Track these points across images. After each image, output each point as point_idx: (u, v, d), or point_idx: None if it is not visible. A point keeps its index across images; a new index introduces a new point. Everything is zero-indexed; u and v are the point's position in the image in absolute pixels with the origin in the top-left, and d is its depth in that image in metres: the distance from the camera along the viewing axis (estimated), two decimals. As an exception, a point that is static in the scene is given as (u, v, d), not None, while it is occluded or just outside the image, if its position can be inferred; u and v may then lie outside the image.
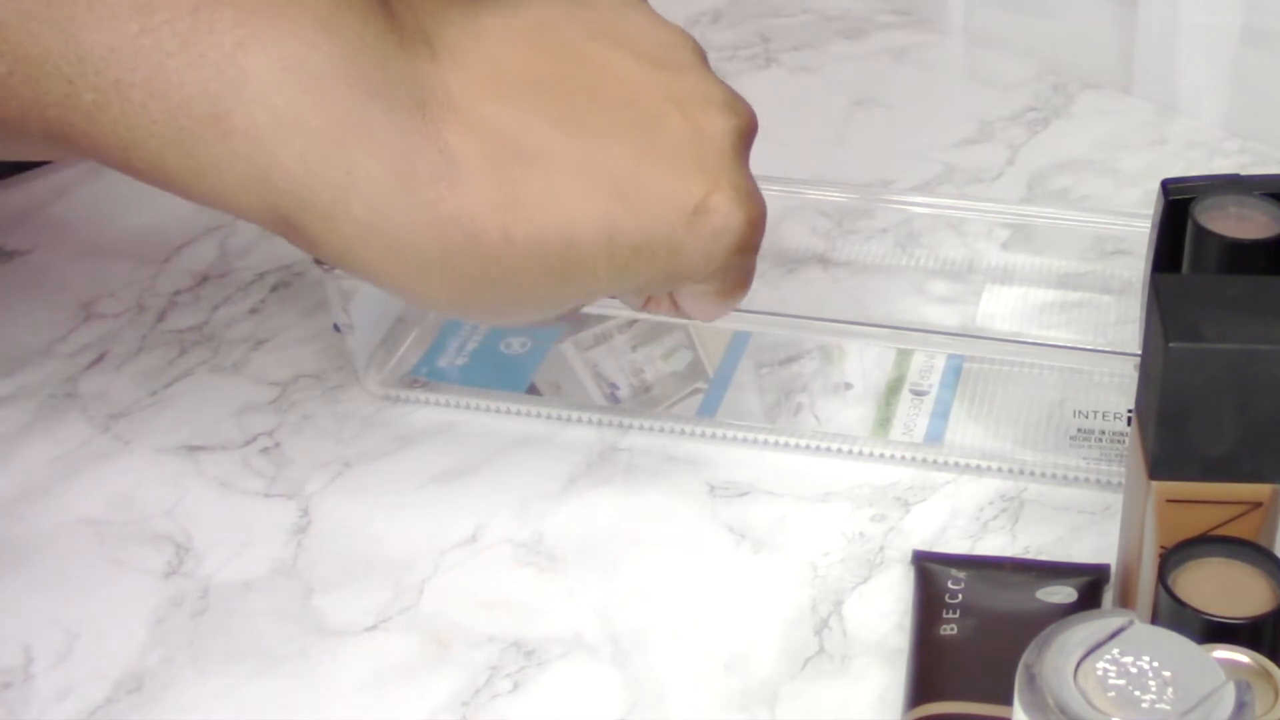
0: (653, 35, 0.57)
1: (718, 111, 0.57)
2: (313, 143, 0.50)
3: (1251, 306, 0.54)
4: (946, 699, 0.58)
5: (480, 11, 0.55)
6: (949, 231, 0.84)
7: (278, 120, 0.50)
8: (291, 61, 0.50)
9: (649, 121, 0.55)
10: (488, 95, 0.53)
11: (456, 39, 0.54)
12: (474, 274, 0.53)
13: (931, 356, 0.75)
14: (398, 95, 0.51)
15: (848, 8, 1.06)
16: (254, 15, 0.50)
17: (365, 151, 0.51)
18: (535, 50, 0.55)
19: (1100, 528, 0.67)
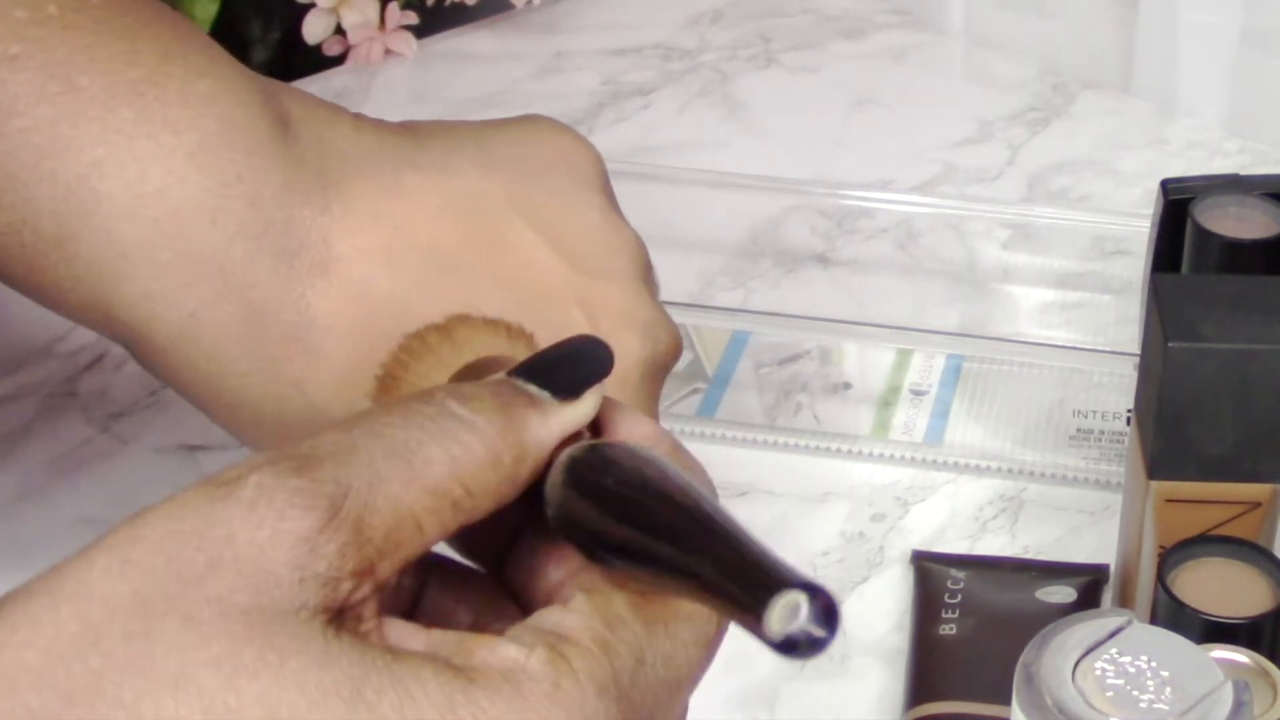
0: (593, 234, 0.51)
1: (632, 333, 0.50)
2: (157, 279, 0.46)
3: (1251, 306, 0.54)
4: (946, 699, 0.58)
5: (404, 166, 0.49)
6: (949, 231, 0.84)
7: (123, 252, 0.45)
8: (148, 191, 0.45)
9: (550, 324, 0.47)
10: (376, 262, 0.47)
11: (362, 192, 0.48)
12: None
13: (931, 356, 0.75)
14: (265, 241, 0.46)
15: (848, 8, 1.06)
16: (118, 135, 0.45)
17: (215, 295, 0.46)
18: (450, 220, 0.49)
19: (1100, 528, 0.67)
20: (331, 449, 0.34)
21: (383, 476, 0.34)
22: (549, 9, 1.05)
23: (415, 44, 1.01)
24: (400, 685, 0.32)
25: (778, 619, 0.31)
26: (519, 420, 0.36)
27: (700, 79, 0.99)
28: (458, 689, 0.32)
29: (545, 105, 0.96)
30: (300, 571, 0.32)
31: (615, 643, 0.34)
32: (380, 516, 0.34)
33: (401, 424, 0.35)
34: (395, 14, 1.00)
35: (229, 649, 0.31)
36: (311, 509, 0.33)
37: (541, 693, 0.33)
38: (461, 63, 1.01)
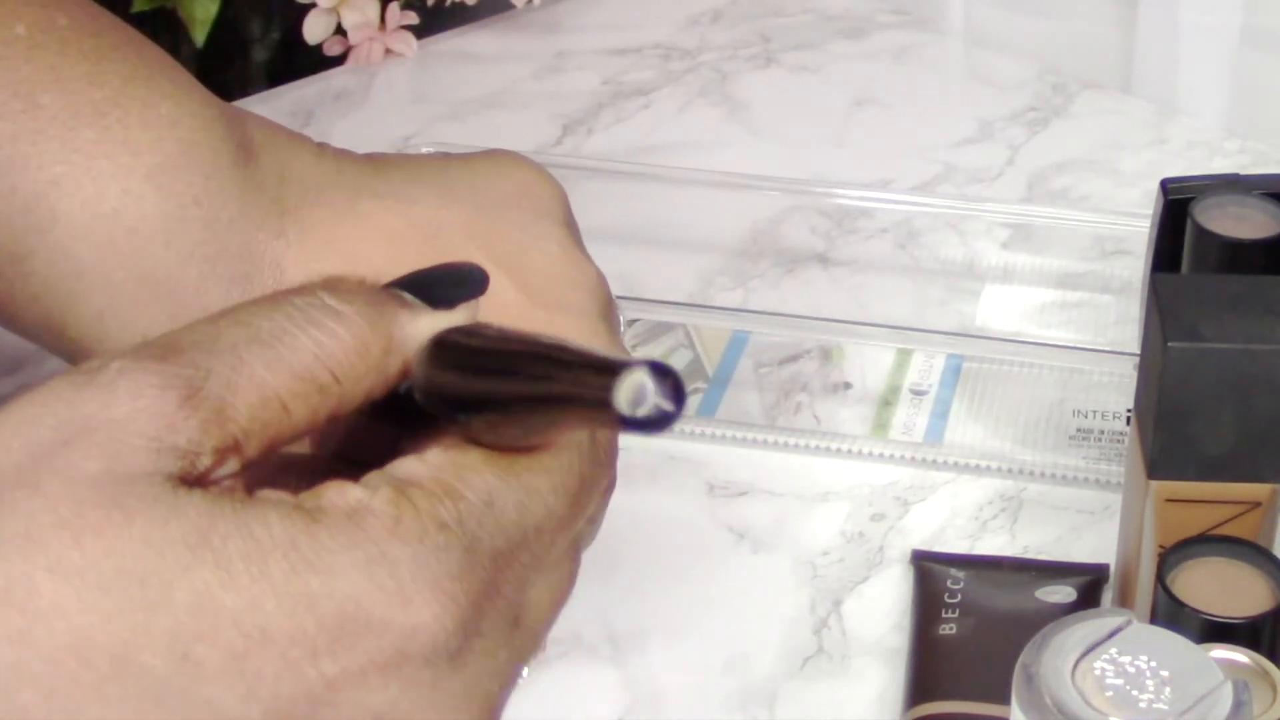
0: (553, 268, 0.50)
1: None
2: (112, 299, 0.46)
3: (1251, 306, 0.54)
4: (945, 698, 0.58)
5: (364, 195, 0.49)
6: (949, 231, 0.84)
7: (78, 271, 0.46)
8: (105, 210, 0.45)
9: None
10: None
11: (318, 218, 0.48)
12: None
13: (931, 356, 0.75)
14: (220, 264, 0.46)
15: (848, 8, 1.06)
16: (78, 154, 0.45)
17: (168, 318, 0.45)
18: (405, 248, 0.48)
19: (1099, 527, 0.67)
20: (196, 337, 0.35)
21: (245, 360, 0.35)
22: (549, 9, 1.05)
23: (415, 44, 1.01)
24: (245, 528, 0.32)
25: (625, 400, 0.31)
26: (389, 315, 0.37)
27: (700, 79, 0.99)
28: (301, 528, 0.33)
29: (545, 105, 0.96)
30: (156, 443, 0.33)
31: (462, 486, 0.34)
32: (243, 397, 0.34)
33: (269, 313, 0.36)
34: (395, 14, 1.00)
35: (75, 511, 0.32)
36: (169, 388, 0.33)
37: (382, 527, 0.33)
38: (462, 63, 1.01)
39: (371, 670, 0.33)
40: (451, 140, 0.86)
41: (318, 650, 0.32)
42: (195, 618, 0.32)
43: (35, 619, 0.31)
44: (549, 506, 0.36)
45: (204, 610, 0.32)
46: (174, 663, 0.32)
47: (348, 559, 0.33)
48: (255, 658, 0.32)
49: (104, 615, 0.31)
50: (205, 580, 0.32)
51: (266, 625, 0.32)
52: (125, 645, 0.31)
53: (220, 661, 0.32)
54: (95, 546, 0.32)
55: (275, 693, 0.32)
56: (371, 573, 0.33)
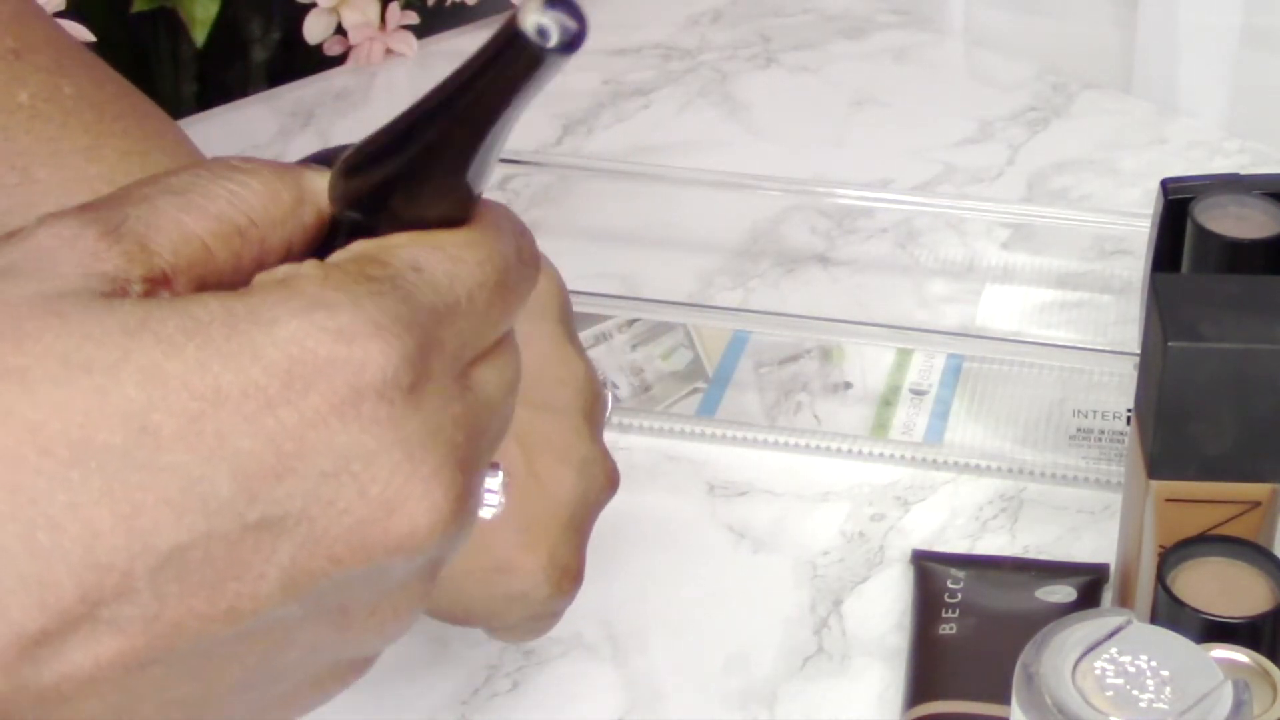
0: (541, 364, 0.50)
1: (569, 470, 0.50)
2: None
3: (1251, 306, 0.54)
4: (945, 698, 0.58)
5: None
6: (949, 231, 0.84)
7: None
8: None
9: None
10: None
11: None
12: None
13: (931, 356, 0.75)
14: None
15: (848, 8, 1.06)
16: None
17: None
18: None
19: (1100, 527, 0.67)
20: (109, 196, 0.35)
21: (160, 206, 0.35)
22: (549, 9, 1.05)
23: (416, 44, 1.01)
24: (182, 309, 0.33)
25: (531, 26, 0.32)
26: (295, 170, 0.37)
27: (700, 79, 0.99)
28: (236, 299, 0.33)
29: (545, 105, 0.96)
30: (83, 270, 0.33)
31: (388, 256, 0.35)
32: (164, 234, 0.34)
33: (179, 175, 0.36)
34: (396, 14, 0.99)
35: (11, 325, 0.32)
36: (89, 225, 0.34)
37: (313, 282, 0.34)
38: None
39: (329, 412, 0.33)
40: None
41: (272, 400, 0.32)
42: (145, 390, 0.32)
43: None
44: (477, 275, 0.36)
45: (153, 382, 0.32)
46: (132, 436, 0.32)
47: (284, 310, 0.33)
48: (211, 417, 0.32)
49: (55, 405, 0.32)
50: (149, 356, 0.32)
51: (217, 384, 0.32)
52: (81, 429, 0.32)
53: (177, 426, 0.32)
54: (36, 348, 0.32)
55: (237, 449, 0.32)
56: (311, 316, 0.33)
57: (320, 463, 0.33)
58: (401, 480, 0.33)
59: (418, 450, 0.33)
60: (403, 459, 0.33)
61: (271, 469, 0.32)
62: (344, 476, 0.33)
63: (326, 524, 0.33)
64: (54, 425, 0.31)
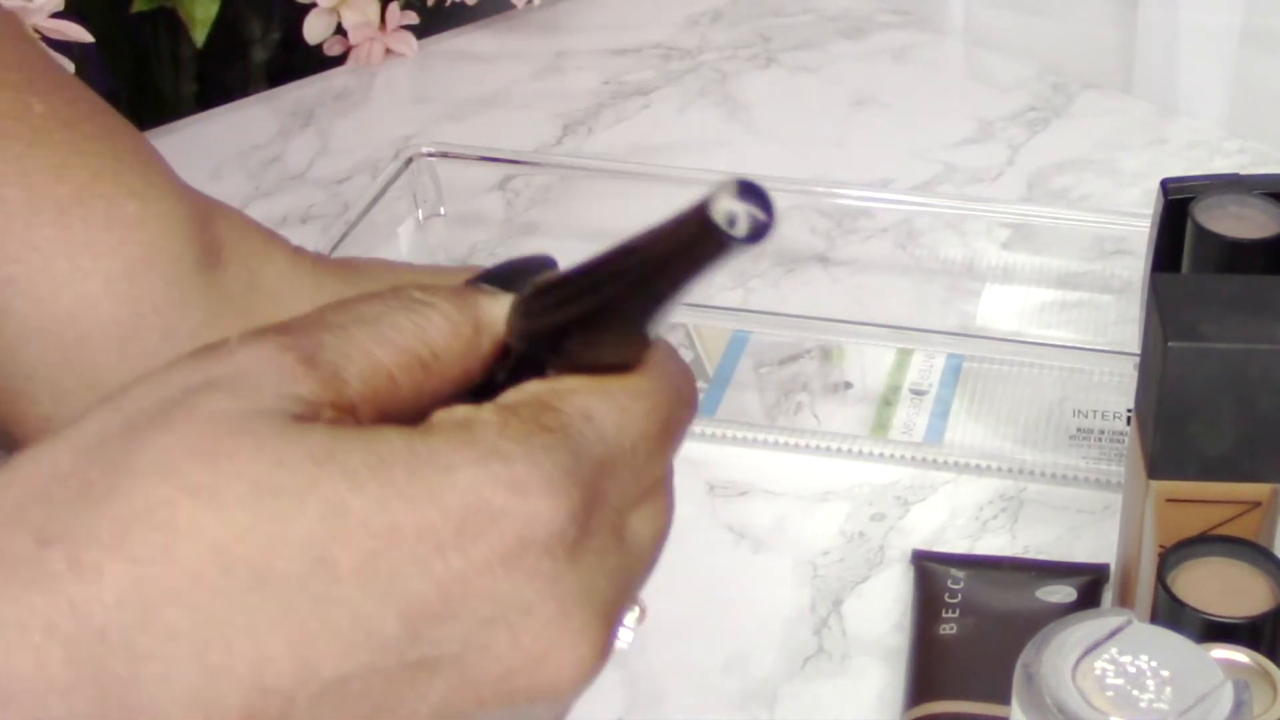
0: None
1: None
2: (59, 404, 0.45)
3: (1251, 306, 0.54)
4: (946, 698, 0.58)
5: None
6: (949, 231, 0.84)
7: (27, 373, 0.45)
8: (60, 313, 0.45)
9: None
10: None
11: None
12: None
13: (931, 356, 0.75)
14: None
15: (848, 8, 1.06)
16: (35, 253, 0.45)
17: None
18: None
19: (1100, 527, 0.67)
20: (306, 321, 0.36)
21: (355, 336, 0.36)
22: (549, 9, 1.05)
23: (416, 44, 1.01)
24: (367, 444, 0.34)
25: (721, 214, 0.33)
26: (472, 300, 0.38)
27: (700, 79, 0.99)
28: (417, 437, 0.34)
29: (545, 105, 0.96)
30: (280, 389, 0.34)
31: (560, 403, 0.36)
32: (355, 365, 0.36)
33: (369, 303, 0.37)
34: (396, 14, 0.99)
35: (209, 442, 0.33)
36: (289, 350, 0.35)
37: (492, 430, 0.35)
38: (462, 63, 1.01)
39: (496, 561, 0.34)
40: (451, 140, 0.86)
41: (444, 544, 0.34)
42: (327, 523, 0.33)
43: (176, 537, 0.32)
44: (643, 426, 0.37)
45: (335, 515, 0.33)
46: (310, 567, 0.33)
47: (463, 456, 0.34)
48: (387, 555, 0.33)
49: (241, 529, 0.33)
50: (334, 489, 0.33)
51: (395, 523, 0.33)
52: (263, 554, 0.33)
53: (354, 562, 0.33)
54: (228, 468, 0.33)
55: (407, 589, 0.33)
56: (488, 466, 0.34)
57: (481, 609, 0.34)
58: (554, 633, 0.35)
59: (572, 606, 0.35)
60: (557, 613, 0.35)
61: (436, 611, 0.34)
62: (501, 625, 0.34)
63: (480, 668, 0.34)
64: (238, 548, 0.32)
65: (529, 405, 0.36)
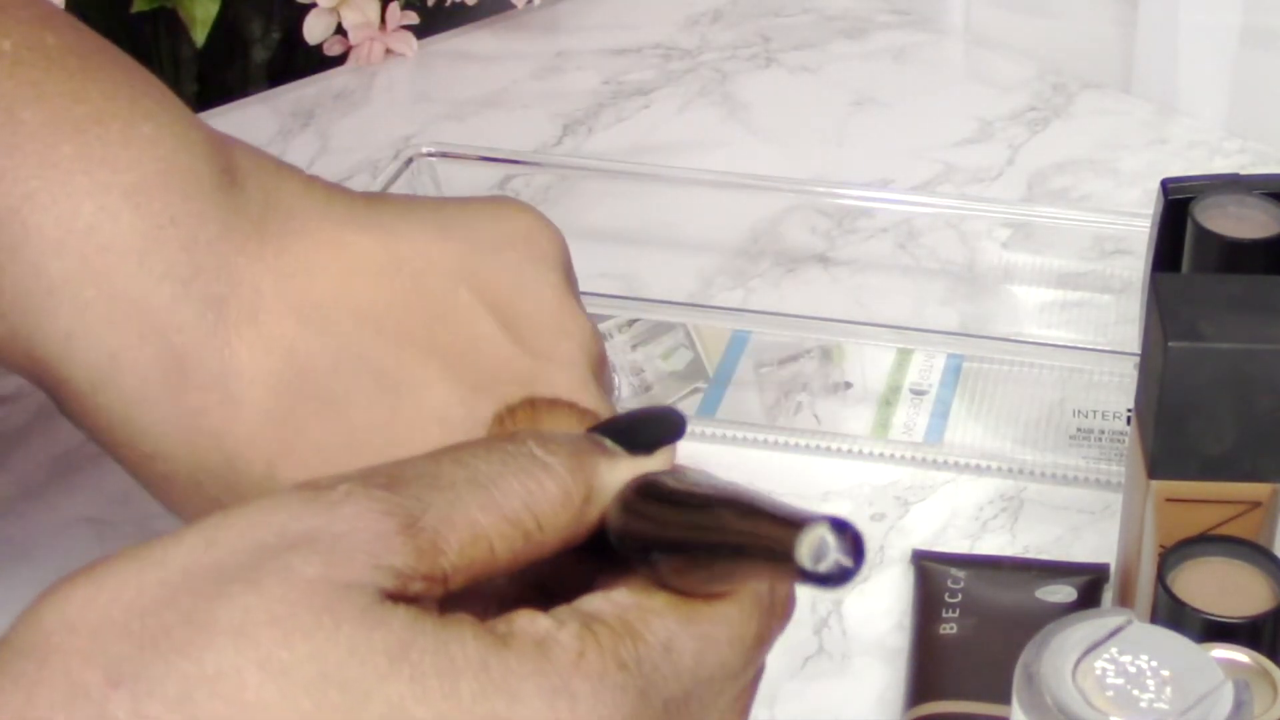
0: (545, 315, 0.48)
1: None
2: (80, 318, 0.45)
3: (1251, 306, 0.54)
4: (946, 698, 0.58)
5: (351, 227, 0.47)
6: (949, 231, 0.84)
7: (49, 288, 0.45)
8: (79, 227, 0.44)
9: (485, 405, 0.46)
10: (307, 318, 0.46)
11: (301, 247, 0.47)
12: (223, 499, 0.46)
13: (931, 356, 0.75)
14: (194, 285, 0.45)
15: (848, 8, 1.06)
16: (55, 169, 0.45)
17: (137, 338, 0.45)
18: (390, 284, 0.47)
19: (1100, 527, 0.67)
20: (419, 471, 0.37)
21: (463, 499, 0.36)
22: (549, 9, 1.05)
23: (416, 44, 1.01)
24: (442, 646, 0.34)
25: (807, 554, 0.33)
26: (590, 465, 0.38)
27: (700, 79, 0.99)
28: (492, 651, 0.34)
29: (545, 105, 0.96)
30: (373, 560, 0.35)
31: (644, 629, 0.36)
32: (457, 534, 0.36)
33: (485, 457, 0.38)
34: (396, 14, 0.99)
35: (289, 611, 0.33)
36: (391, 515, 0.35)
37: (567, 660, 0.35)
38: (462, 63, 1.01)
39: None
40: (451, 140, 0.86)
41: None
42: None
43: (240, 711, 0.33)
44: (724, 658, 0.38)
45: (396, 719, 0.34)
46: None
47: (533, 686, 0.34)
48: None
49: (303, 715, 0.33)
50: (400, 692, 0.34)
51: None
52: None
53: None
54: (303, 647, 0.33)
55: None
56: (554, 703, 0.35)
57: None
58: None
59: None
60: None
61: None
62: None
63: None
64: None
65: (611, 628, 0.36)
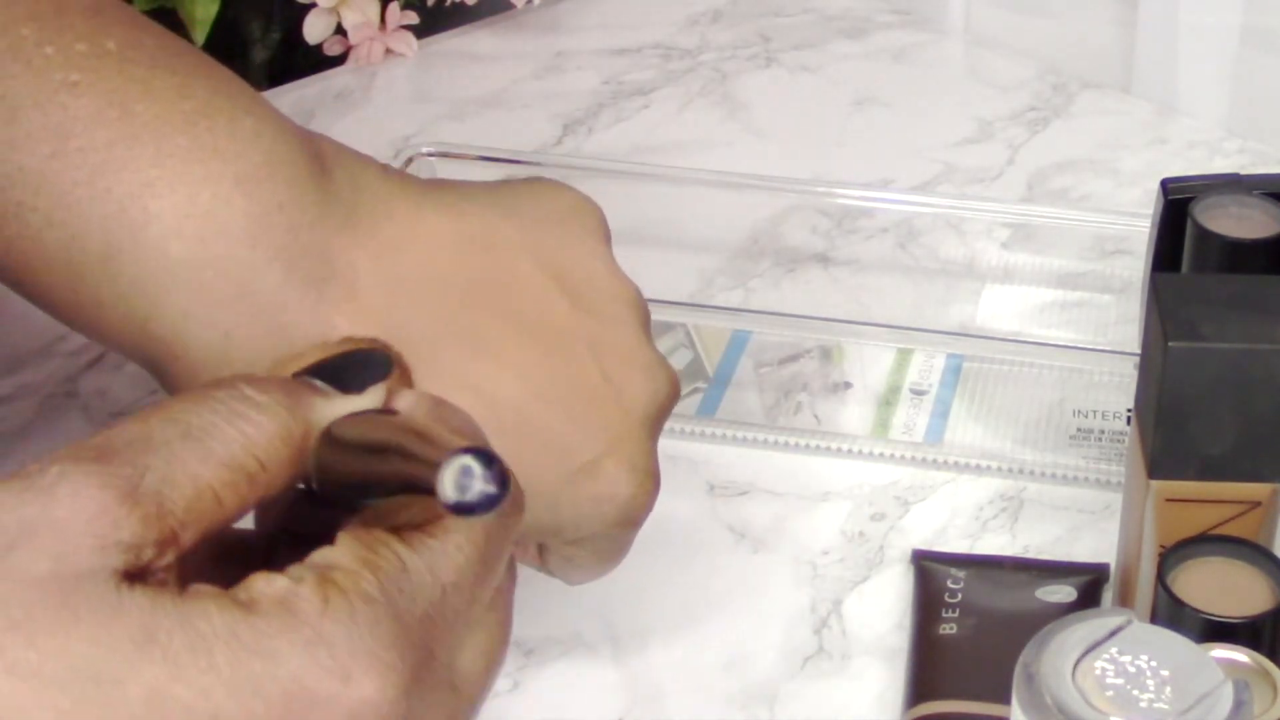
0: (599, 281, 0.54)
1: (637, 373, 0.53)
2: (197, 298, 0.48)
3: (1251, 306, 0.54)
4: (946, 698, 0.58)
5: (428, 207, 0.52)
6: (949, 231, 0.84)
7: (167, 268, 0.48)
8: (197, 211, 0.48)
9: (559, 361, 0.52)
10: (398, 290, 0.50)
11: (388, 227, 0.51)
12: None
13: (931, 356, 0.75)
14: (299, 266, 0.49)
15: (848, 8, 1.06)
16: (172, 159, 0.48)
17: (249, 316, 0.49)
18: (466, 257, 0.52)
19: (1100, 527, 0.67)
20: (129, 437, 0.37)
21: (179, 456, 0.37)
22: (549, 9, 1.05)
23: (415, 44, 1.01)
24: (188, 623, 0.35)
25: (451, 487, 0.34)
26: (306, 402, 0.40)
27: (700, 79, 0.99)
28: (239, 619, 0.35)
29: (545, 105, 0.96)
30: (100, 540, 0.35)
31: (376, 559, 0.37)
32: (179, 491, 0.37)
33: (196, 409, 0.38)
34: (396, 14, 1.00)
35: (27, 613, 0.34)
36: (109, 487, 0.36)
37: (313, 611, 0.36)
38: (462, 63, 1.01)
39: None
40: (451, 140, 0.86)
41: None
42: (150, 710, 0.34)
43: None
44: (458, 562, 0.38)
45: (157, 703, 0.34)
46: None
47: (286, 642, 0.35)
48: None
49: (62, 712, 0.33)
50: (156, 675, 0.34)
51: (218, 713, 0.34)
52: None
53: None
54: (48, 645, 0.33)
55: None
56: (311, 653, 0.35)
57: None
58: None
59: None
60: None
61: None
62: None
63: None
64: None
65: (345, 569, 0.36)
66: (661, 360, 0.55)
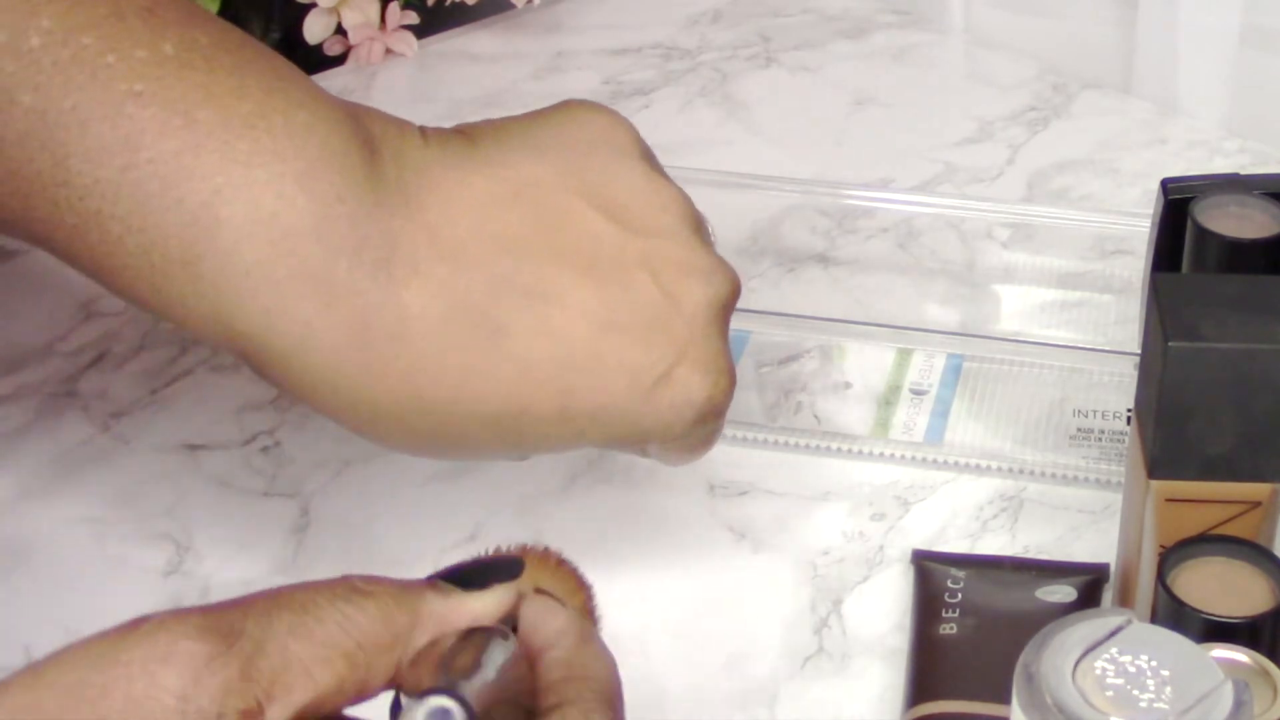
0: (641, 196, 0.57)
1: (694, 280, 0.56)
2: (276, 295, 0.51)
3: (1251, 306, 0.54)
4: (946, 698, 0.58)
5: (468, 169, 0.55)
6: (949, 231, 0.84)
7: (245, 270, 0.51)
8: (264, 215, 0.50)
9: (618, 290, 0.55)
10: (457, 258, 0.53)
11: (436, 199, 0.54)
12: (424, 428, 0.54)
13: (931, 356, 0.75)
14: (364, 253, 0.52)
15: (848, 8, 1.06)
16: (234, 165, 0.50)
17: (326, 306, 0.51)
18: (513, 210, 0.55)
19: (1100, 527, 0.67)
20: (234, 606, 0.39)
21: (275, 627, 0.39)
22: (549, 9, 1.05)
23: (415, 44, 1.01)
24: None
25: None
26: (415, 592, 0.41)
27: (700, 79, 0.99)
28: None
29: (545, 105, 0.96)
30: (184, 703, 0.36)
31: None
32: (268, 660, 0.38)
33: (301, 587, 0.40)
34: (395, 14, 1.00)
35: None
36: (203, 640, 0.37)
37: None
38: (462, 63, 1.01)
39: None
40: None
41: None
42: None
43: None
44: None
45: None
46: None
47: None
48: None
49: None
50: None
51: None
52: None
53: None
54: None
55: None
56: None
57: None
58: None
59: None
60: None
61: None
62: None
63: None
64: None
65: None
66: (716, 261, 0.57)
